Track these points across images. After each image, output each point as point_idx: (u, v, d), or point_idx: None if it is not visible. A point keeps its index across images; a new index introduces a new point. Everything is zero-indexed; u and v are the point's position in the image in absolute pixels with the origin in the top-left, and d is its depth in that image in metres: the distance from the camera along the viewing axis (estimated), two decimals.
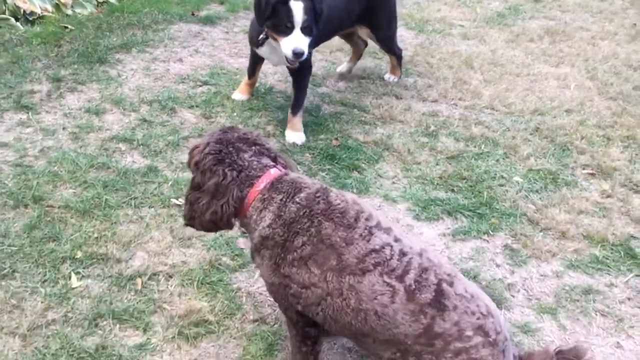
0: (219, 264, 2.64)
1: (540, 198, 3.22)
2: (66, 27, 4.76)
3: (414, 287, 1.75)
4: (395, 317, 1.75)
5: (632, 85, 4.61)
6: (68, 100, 3.83)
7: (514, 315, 2.50)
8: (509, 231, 2.97)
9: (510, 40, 5.42)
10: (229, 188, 1.91)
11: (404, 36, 5.39)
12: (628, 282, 2.70)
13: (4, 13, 4.68)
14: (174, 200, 3.00)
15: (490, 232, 2.96)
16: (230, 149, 1.96)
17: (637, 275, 2.73)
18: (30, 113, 3.64)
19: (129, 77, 4.19)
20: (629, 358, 2.33)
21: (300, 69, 3.54)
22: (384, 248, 1.80)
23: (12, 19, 4.66)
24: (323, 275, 1.82)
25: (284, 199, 1.89)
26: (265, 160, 1.99)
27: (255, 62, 3.87)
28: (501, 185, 3.31)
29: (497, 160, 3.53)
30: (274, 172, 1.96)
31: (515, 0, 6.57)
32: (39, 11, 4.84)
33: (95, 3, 5.28)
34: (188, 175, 3.12)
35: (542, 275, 2.72)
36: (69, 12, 5.04)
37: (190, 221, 2.04)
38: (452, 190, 3.26)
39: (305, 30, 3.22)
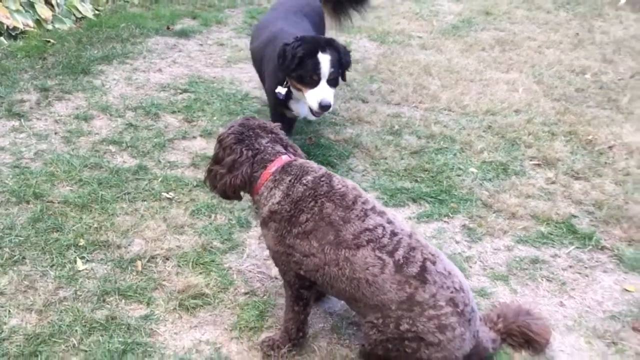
0: (211, 247, 2.93)
1: (493, 185, 3.62)
2: (48, 41, 5.01)
3: (402, 261, 2.10)
4: (384, 285, 2.09)
5: (574, 88, 5.09)
6: (57, 108, 4.09)
7: (472, 282, 2.86)
8: (466, 214, 3.35)
9: (464, 50, 5.87)
10: (243, 165, 2.24)
11: (367, 47, 5.80)
12: (570, 253, 3.10)
13: None
14: (164, 194, 3.29)
15: (450, 214, 3.33)
16: (250, 133, 2.30)
17: (577, 247, 3.13)
18: (22, 120, 3.89)
19: (112, 86, 4.46)
20: (570, 313, 2.71)
21: None
22: (377, 228, 2.14)
23: None
24: (322, 248, 2.15)
25: (293, 180, 2.22)
26: (279, 147, 2.33)
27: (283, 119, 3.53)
28: (458, 175, 3.70)
29: (455, 154, 3.92)
30: (285, 158, 2.29)
31: (468, 14, 7.06)
32: (21, 26, 5.07)
33: (74, 18, 5.54)
34: (176, 172, 3.45)
35: (495, 249, 3.10)
36: (50, 27, 5.28)
37: (210, 187, 2.38)
38: (416, 181, 3.63)
39: (331, 82, 3.21)
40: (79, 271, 2.72)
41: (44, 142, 3.68)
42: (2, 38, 4.91)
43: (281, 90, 3.34)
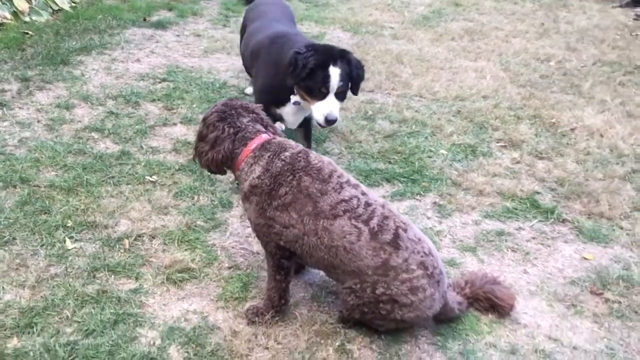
0: (195, 226, 3.07)
1: (462, 166, 3.81)
2: (26, 33, 5.06)
3: (377, 229, 2.27)
4: (360, 252, 2.26)
5: (539, 75, 5.33)
6: (38, 97, 4.17)
7: (442, 254, 3.05)
8: (436, 192, 3.54)
9: (434, 40, 6.07)
10: (225, 141, 2.39)
11: (340, 37, 5.96)
12: (533, 226, 3.31)
13: None
14: (148, 178, 3.41)
15: (422, 193, 3.52)
16: (233, 112, 2.45)
17: (540, 221, 3.34)
18: (4, 109, 3.96)
19: (92, 76, 4.55)
20: (533, 280, 2.92)
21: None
22: (352, 199, 2.31)
23: None
24: (301, 219, 2.31)
25: (272, 156, 2.37)
26: (259, 126, 2.48)
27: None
28: (429, 157, 3.89)
29: (426, 138, 4.11)
30: (264, 136, 2.44)
31: (438, 5, 7.28)
32: None
33: (51, 11, 5.59)
34: (158, 157, 3.57)
35: (464, 224, 3.29)
36: (27, 19, 5.33)
37: (198, 163, 2.55)
38: (389, 162, 3.81)
39: (339, 95, 3.11)
40: (69, 250, 2.83)
41: (27, 130, 3.76)
42: None
43: (297, 99, 3.23)
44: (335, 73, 3.03)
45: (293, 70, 3.05)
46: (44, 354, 2.27)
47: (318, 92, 3.06)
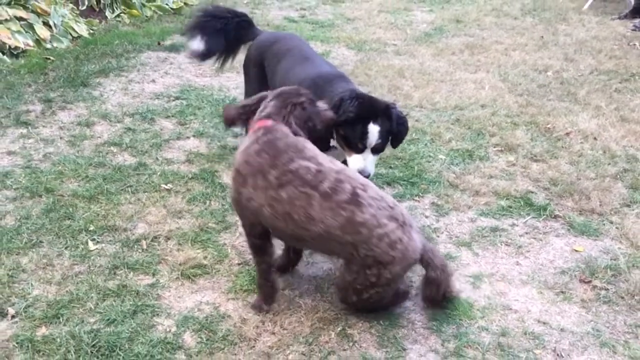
0: (207, 228, 3.29)
1: (459, 169, 4.01)
2: (48, 59, 5.39)
3: (329, 192, 2.41)
4: (318, 215, 2.40)
5: (536, 84, 5.53)
6: (60, 116, 4.46)
7: (440, 248, 3.23)
8: (435, 193, 3.74)
9: (435, 54, 6.32)
10: (244, 108, 2.82)
11: (345, 54, 6.23)
12: (526, 222, 3.49)
13: None
14: (163, 186, 3.65)
15: (420, 194, 3.72)
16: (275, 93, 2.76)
17: (533, 217, 3.52)
18: (29, 128, 4.25)
19: (110, 96, 4.85)
20: (525, 270, 3.09)
21: None
22: (300, 169, 2.45)
23: (0, 53, 5.26)
24: (256, 192, 2.50)
25: (255, 140, 2.59)
26: (277, 113, 2.69)
27: None
28: (428, 161, 4.10)
29: (425, 144, 4.32)
30: (270, 123, 2.65)
31: (440, 22, 7.54)
32: (22, 46, 5.45)
33: (71, 37, 5.93)
34: (173, 167, 3.82)
35: (460, 221, 3.48)
36: (48, 46, 5.67)
37: None
38: (390, 167, 4.02)
39: (376, 150, 3.07)
40: (91, 251, 3.07)
41: (50, 146, 4.04)
42: (5, 57, 5.28)
43: (335, 144, 3.20)
44: (374, 131, 2.97)
45: (336, 110, 2.97)
46: (70, 340, 2.49)
47: (355, 145, 3.02)
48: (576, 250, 3.25)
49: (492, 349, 2.57)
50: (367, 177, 2.98)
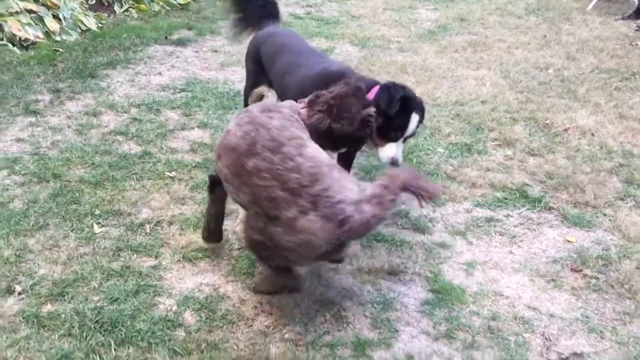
0: None
1: (457, 162, 4.09)
2: (57, 51, 5.50)
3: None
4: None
5: (537, 82, 5.60)
6: (68, 106, 4.57)
7: (434, 237, 3.32)
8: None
9: (438, 52, 6.39)
10: None
11: (349, 51, 6.31)
12: (521, 213, 3.56)
13: (2, 40, 5.40)
14: (167, 174, 3.74)
15: None
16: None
17: (528, 209, 3.60)
18: (38, 116, 4.36)
19: (117, 87, 4.95)
20: (518, 259, 3.17)
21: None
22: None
23: (10, 45, 5.39)
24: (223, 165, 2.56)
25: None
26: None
27: None
28: (427, 154, 4.18)
29: (425, 138, 4.40)
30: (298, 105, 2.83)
31: (444, 20, 7.61)
32: (32, 38, 5.57)
33: (79, 31, 6.04)
34: (177, 156, 3.91)
35: (456, 212, 3.56)
36: (58, 38, 5.78)
37: None
38: None
39: (406, 139, 3.22)
40: (96, 233, 3.17)
41: (58, 134, 4.14)
42: (15, 48, 5.40)
43: None
44: (414, 121, 3.10)
45: (386, 103, 3.00)
46: (74, 316, 2.59)
47: (392, 134, 3.09)
48: (569, 241, 3.32)
49: (482, 331, 2.65)
50: (397, 164, 3.11)
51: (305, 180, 2.32)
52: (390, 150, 3.12)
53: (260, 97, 3.98)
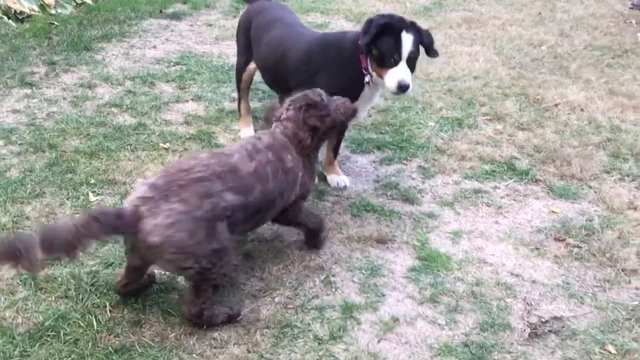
0: None
1: (447, 135, 4.15)
2: (52, 24, 5.53)
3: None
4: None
5: (530, 58, 5.64)
6: (64, 78, 4.61)
7: (423, 208, 3.39)
8: (422, 157, 3.88)
9: (433, 28, 6.39)
10: None
11: (344, 26, 6.33)
12: (508, 185, 3.64)
13: None
14: (161, 145, 3.80)
15: (409, 158, 3.87)
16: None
17: (515, 181, 3.67)
18: (34, 88, 4.40)
19: (112, 60, 4.99)
20: (503, 229, 3.25)
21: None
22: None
23: (5, 17, 5.42)
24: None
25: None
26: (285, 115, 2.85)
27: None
28: (418, 128, 4.24)
29: (417, 112, 4.46)
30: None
31: None
32: (27, 11, 5.59)
33: (74, 4, 6.05)
34: (171, 128, 3.97)
35: (445, 183, 3.63)
36: (53, 11, 5.80)
37: None
38: (381, 133, 4.16)
39: (410, 62, 3.14)
40: (91, 201, 3.24)
41: (54, 106, 4.19)
42: (10, 21, 5.42)
43: (368, 79, 3.26)
44: (407, 39, 3.08)
45: (365, 32, 3.09)
46: (70, 279, 2.67)
47: (389, 59, 3.10)
48: (554, 212, 3.40)
49: (466, 296, 2.74)
50: (407, 88, 3.11)
51: None
52: (394, 76, 3.10)
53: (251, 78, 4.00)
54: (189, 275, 2.40)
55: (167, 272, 2.71)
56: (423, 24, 6.43)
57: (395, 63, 3.10)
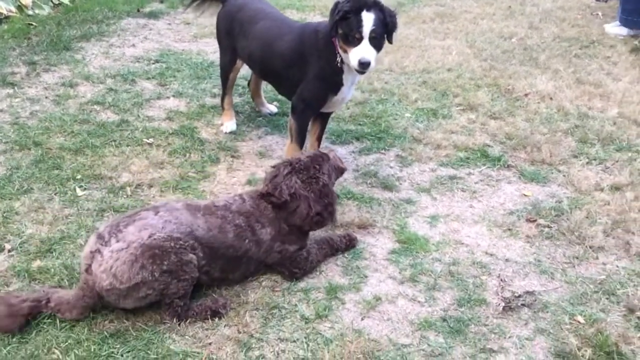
0: (187, 177, 3.55)
1: (423, 125, 4.31)
2: (31, 24, 5.56)
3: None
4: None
5: (501, 50, 5.83)
6: (45, 78, 4.66)
7: (401, 194, 3.53)
8: (399, 147, 4.03)
9: (407, 22, 6.57)
10: None
11: None
12: (482, 171, 3.80)
13: None
14: (145, 140, 3.89)
15: (386, 148, 4.01)
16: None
17: (488, 167, 3.83)
18: (15, 88, 4.45)
19: (92, 59, 5.04)
20: (477, 212, 3.40)
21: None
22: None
23: None
24: None
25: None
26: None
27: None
28: (395, 119, 4.38)
29: (393, 104, 4.60)
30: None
31: None
32: (4, 12, 5.61)
33: (52, 4, 6.08)
34: (154, 124, 4.05)
35: (421, 171, 3.78)
36: (30, 12, 5.83)
37: None
38: (359, 124, 4.30)
39: (373, 41, 3.22)
40: (79, 196, 3.31)
41: (37, 105, 4.24)
42: None
43: (339, 59, 3.38)
44: (368, 18, 3.17)
45: (330, 15, 3.27)
46: (63, 270, 2.74)
47: (353, 38, 3.20)
48: (525, 195, 3.57)
49: (444, 275, 2.88)
50: (368, 65, 3.21)
51: None
52: (358, 52, 3.20)
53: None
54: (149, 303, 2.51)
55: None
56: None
57: (359, 41, 3.21)
